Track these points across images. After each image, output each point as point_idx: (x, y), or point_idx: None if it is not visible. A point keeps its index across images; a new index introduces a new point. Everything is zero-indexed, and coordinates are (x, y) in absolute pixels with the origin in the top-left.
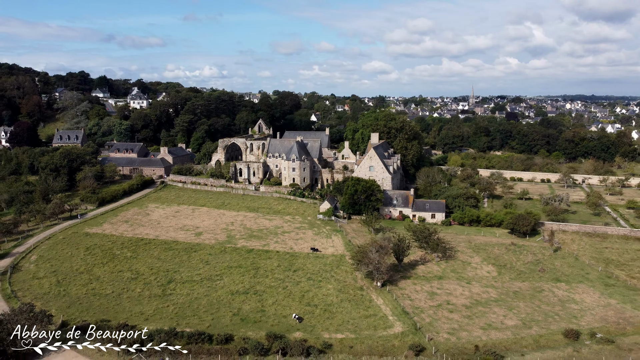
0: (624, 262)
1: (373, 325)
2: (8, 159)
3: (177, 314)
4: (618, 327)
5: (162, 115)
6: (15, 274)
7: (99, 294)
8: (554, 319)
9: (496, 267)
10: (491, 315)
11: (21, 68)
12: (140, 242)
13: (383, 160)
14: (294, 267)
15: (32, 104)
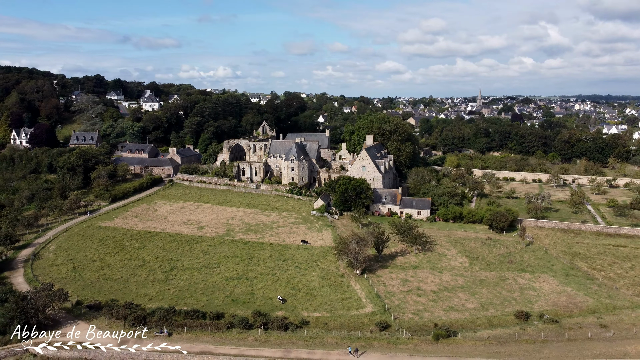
0: (590, 255)
1: (347, 306)
2: (28, 158)
3: (177, 295)
4: (566, 310)
5: (172, 117)
6: (36, 262)
7: (109, 278)
8: (510, 303)
9: (469, 258)
10: (454, 300)
11: (40, 72)
12: (147, 234)
13: (375, 161)
14: (284, 257)
15: (51, 106)
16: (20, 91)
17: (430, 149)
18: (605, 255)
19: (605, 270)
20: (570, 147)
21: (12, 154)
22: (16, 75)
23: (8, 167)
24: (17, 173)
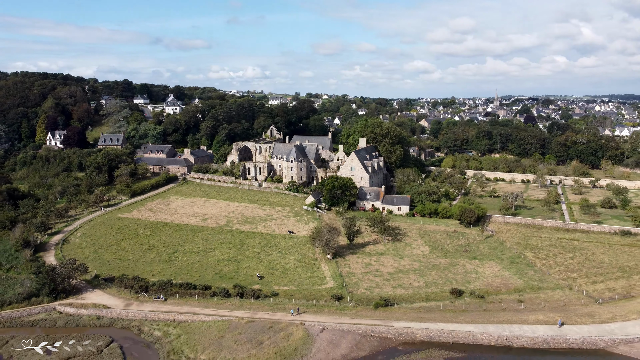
0: (541, 247)
1: (312, 282)
2: (61, 158)
3: (176, 272)
4: (496, 289)
5: (191, 120)
6: (65, 245)
7: (123, 258)
8: (451, 283)
9: (430, 247)
10: (404, 279)
11: (74, 77)
12: (158, 224)
13: (363, 162)
14: (270, 244)
15: (82, 110)
16: (56, 96)
17: (433, 150)
18: (555, 247)
19: (548, 259)
20: (566, 150)
21: (47, 154)
22: (52, 82)
23: (44, 165)
24: (51, 171)
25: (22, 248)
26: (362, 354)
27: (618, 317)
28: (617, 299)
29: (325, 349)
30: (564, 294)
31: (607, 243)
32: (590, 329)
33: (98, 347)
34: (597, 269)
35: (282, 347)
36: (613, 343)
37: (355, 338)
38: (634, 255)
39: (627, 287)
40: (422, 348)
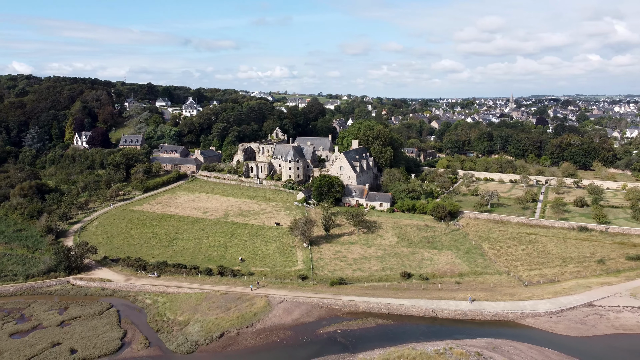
0: (500, 239)
1: (285, 265)
2: (86, 157)
3: (172, 255)
4: (443, 273)
5: (205, 122)
6: (82, 232)
7: (130, 244)
8: (405, 268)
9: (398, 238)
10: (366, 264)
11: (101, 82)
12: (164, 216)
13: (351, 162)
14: (258, 234)
15: (107, 113)
16: (83, 100)
17: (435, 151)
18: (512, 240)
19: (500, 250)
20: (561, 151)
21: (73, 153)
22: (81, 86)
23: (70, 164)
24: (76, 169)
25: (46, 234)
26: (310, 320)
27: (535, 296)
28: (542, 283)
29: (280, 315)
30: (499, 278)
31: (562, 237)
32: (506, 305)
33: (100, 310)
34: (540, 258)
35: (245, 312)
36: (522, 316)
37: (307, 308)
38: (581, 247)
39: (557, 274)
40: (361, 317)
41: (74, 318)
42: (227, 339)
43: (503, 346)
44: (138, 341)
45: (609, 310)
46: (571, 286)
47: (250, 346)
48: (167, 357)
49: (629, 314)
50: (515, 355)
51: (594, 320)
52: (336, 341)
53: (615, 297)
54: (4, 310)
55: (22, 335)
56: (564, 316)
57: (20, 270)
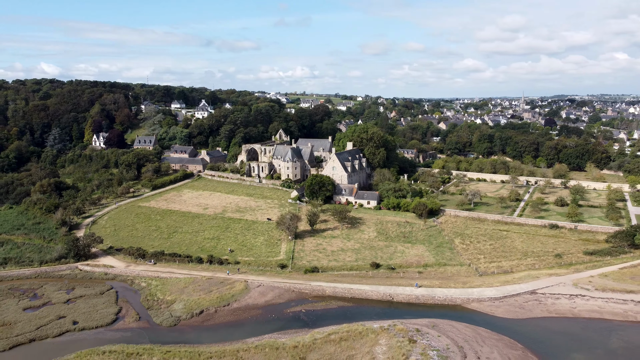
0: (472, 235)
1: (268, 255)
2: (101, 157)
3: (170, 246)
4: (409, 264)
5: (214, 124)
6: (93, 225)
7: (134, 236)
8: (376, 259)
9: (377, 233)
10: (341, 256)
11: (120, 85)
12: (168, 212)
13: (343, 163)
14: (250, 228)
15: (123, 115)
16: (102, 102)
17: (436, 152)
18: (484, 236)
19: (470, 245)
20: (557, 153)
21: (90, 153)
22: (100, 89)
23: (87, 163)
24: (92, 168)
25: (61, 226)
26: (280, 301)
27: (484, 284)
28: (496, 273)
29: (255, 297)
30: (459, 268)
31: (533, 234)
32: (456, 291)
33: (101, 290)
34: (504, 252)
35: (224, 294)
36: (468, 301)
37: (280, 292)
38: (546, 243)
39: (513, 266)
40: (327, 300)
41: (79, 297)
42: (206, 315)
43: (442, 325)
44: (130, 316)
45: (549, 297)
46: (521, 276)
47: (224, 321)
48: (152, 329)
49: (565, 300)
50: (450, 332)
51: (532, 305)
52: (299, 319)
53: (558, 286)
54: (20, 290)
55: (34, 310)
56: (505, 301)
57: (36, 257)
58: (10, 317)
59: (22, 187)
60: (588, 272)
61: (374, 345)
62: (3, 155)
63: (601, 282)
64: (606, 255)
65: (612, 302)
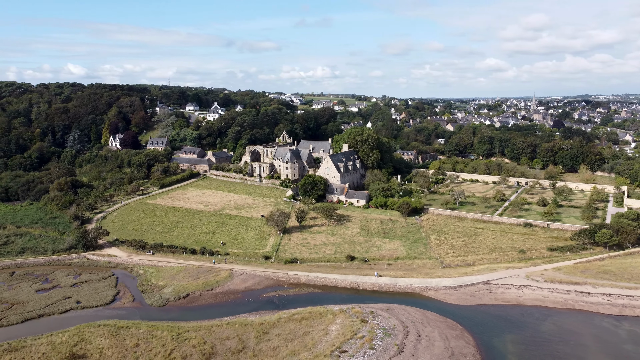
0: (449, 232)
1: (255, 248)
2: (116, 157)
3: (169, 239)
4: (382, 257)
5: (223, 126)
6: (103, 220)
7: (138, 230)
8: (353, 252)
9: (360, 229)
10: (322, 249)
11: (137, 88)
12: (172, 208)
13: (337, 164)
14: (244, 224)
15: (139, 117)
16: (119, 105)
17: (437, 153)
18: (459, 233)
19: (444, 241)
20: (553, 155)
21: (106, 154)
22: (118, 92)
23: (102, 163)
24: (107, 167)
25: (73, 220)
26: (259, 287)
27: (444, 275)
28: (459, 266)
29: (237, 283)
30: (426, 261)
31: (507, 231)
32: (417, 281)
33: (104, 276)
34: (474, 248)
35: (209, 280)
36: (425, 289)
37: (260, 279)
38: (516, 240)
39: (477, 259)
40: (300, 287)
41: (84, 282)
42: (191, 298)
43: (395, 309)
44: (126, 297)
45: (500, 287)
46: (480, 269)
47: (207, 303)
48: (144, 309)
49: (514, 290)
50: (401, 314)
51: (483, 294)
52: (272, 302)
53: (512, 278)
54: (34, 275)
55: (45, 292)
56: (459, 290)
57: (50, 247)
58: (24, 297)
59: (42, 185)
60: (544, 266)
61: (329, 324)
62: (26, 155)
63: (552, 275)
64: (567, 251)
65: (556, 292)
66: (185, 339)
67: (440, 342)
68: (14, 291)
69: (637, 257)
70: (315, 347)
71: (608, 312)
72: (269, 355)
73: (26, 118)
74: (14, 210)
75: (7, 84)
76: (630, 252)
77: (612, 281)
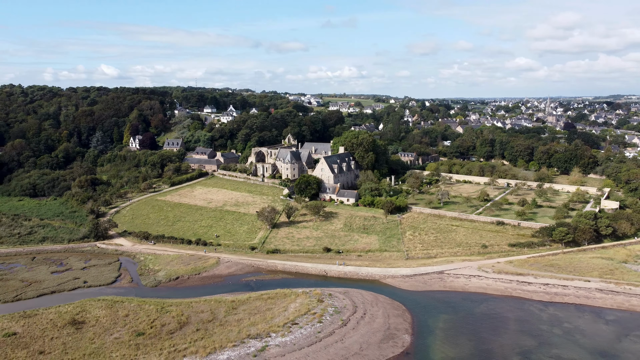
0: (424, 229)
1: (245, 240)
2: (133, 157)
3: (171, 232)
4: (357, 249)
5: (234, 129)
6: (116, 214)
7: (145, 223)
8: (331, 245)
9: (343, 225)
10: (304, 242)
11: (158, 92)
12: (178, 205)
13: (331, 165)
14: (240, 219)
15: (158, 120)
16: (140, 108)
17: (439, 155)
18: (434, 230)
19: (416, 236)
20: (548, 157)
21: (125, 154)
22: (140, 96)
23: (121, 162)
24: (125, 166)
25: (89, 214)
26: (240, 273)
27: (404, 266)
28: (421, 258)
29: (221, 269)
30: (394, 254)
31: (479, 229)
32: (378, 270)
33: (110, 262)
34: (442, 243)
35: (198, 266)
36: (384, 277)
37: (242, 266)
38: (484, 237)
39: (440, 253)
40: (276, 273)
41: (92, 266)
42: (180, 280)
43: (352, 292)
44: (125, 279)
45: (451, 276)
46: (439, 261)
47: (193, 284)
48: (139, 288)
49: (463, 279)
50: (355, 297)
51: (434, 281)
52: (249, 285)
53: (465, 269)
54: (51, 260)
55: (58, 273)
56: (414, 278)
57: (66, 237)
58: (41, 277)
59: (65, 182)
60: (498, 259)
61: (290, 303)
62: (53, 155)
63: (502, 267)
64: (525, 247)
65: (499, 282)
66: (167, 311)
67: (381, 319)
68: (33, 272)
69: (588, 253)
70: (272, 320)
71: (540, 298)
72: (233, 324)
73: (55, 120)
74: (40, 205)
75: (39, 88)
76: (584, 248)
77: (554, 273)
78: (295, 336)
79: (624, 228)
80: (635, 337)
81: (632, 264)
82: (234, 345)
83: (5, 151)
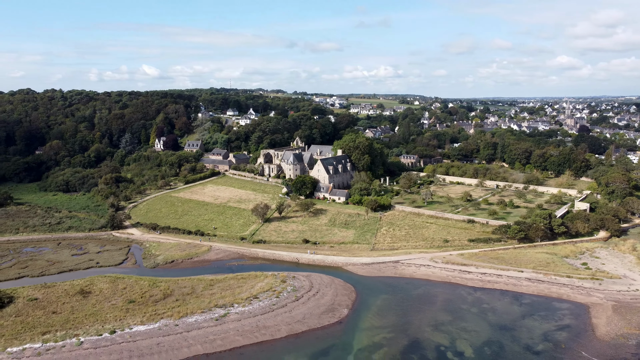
0: (400, 225)
1: (238, 232)
2: (156, 157)
3: (176, 223)
4: (332, 241)
5: (249, 132)
6: (133, 209)
7: (157, 216)
8: (310, 238)
9: (328, 221)
10: (288, 234)
11: (185, 96)
12: (188, 200)
13: (326, 167)
14: (238, 214)
15: (182, 122)
16: (166, 112)
17: (443, 157)
18: (408, 226)
19: (390, 231)
20: (544, 161)
21: (149, 154)
22: (167, 100)
23: (145, 162)
24: (148, 166)
25: (110, 208)
26: (225, 258)
27: (366, 255)
28: (384, 250)
29: (211, 255)
30: (363, 246)
31: (451, 226)
32: (342, 259)
33: (120, 247)
34: (410, 237)
35: (191, 252)
36: (345, 264)
37: (229, 253)
38: (451, 233)
39: (403, 246)
40: (257, 260)
41: (106, 250)
42: (175, 263)
43: (314, 276)
44: (130, 261)
45: (404, 265)
46: (399, 252)
47: (185, 267)
48: (140, 269)
49: (414, 267)
50: (314, 279)
51: (387, 269)
52: (230, 269)
53: (418, 259)
54: (73, 245)
55: (77, 256)
56: (371, 266)
57: (88, 227)
58: (62, 258)
59: (93, 179)
60: (451, 252)
61: (258, 282)
62: (86, 154)
63: (452, 259)
64: (482, 242)
65: (444, 270)
66: (157, 286)
67: (329, 297)
68: (57, 254)
69: (537, 249)
70: (239, 295)
71: (473, 284)
72: (206, 297)
73: (89, 122)
74: (70, 199)
75: (77, 93)
76: (535, 245)
77: (495, 264)
78: (253, 307)
79: (578, 227)
80: (537, 317)
81: (572, 259)
82: (202, 312)
83: (44, 151)
